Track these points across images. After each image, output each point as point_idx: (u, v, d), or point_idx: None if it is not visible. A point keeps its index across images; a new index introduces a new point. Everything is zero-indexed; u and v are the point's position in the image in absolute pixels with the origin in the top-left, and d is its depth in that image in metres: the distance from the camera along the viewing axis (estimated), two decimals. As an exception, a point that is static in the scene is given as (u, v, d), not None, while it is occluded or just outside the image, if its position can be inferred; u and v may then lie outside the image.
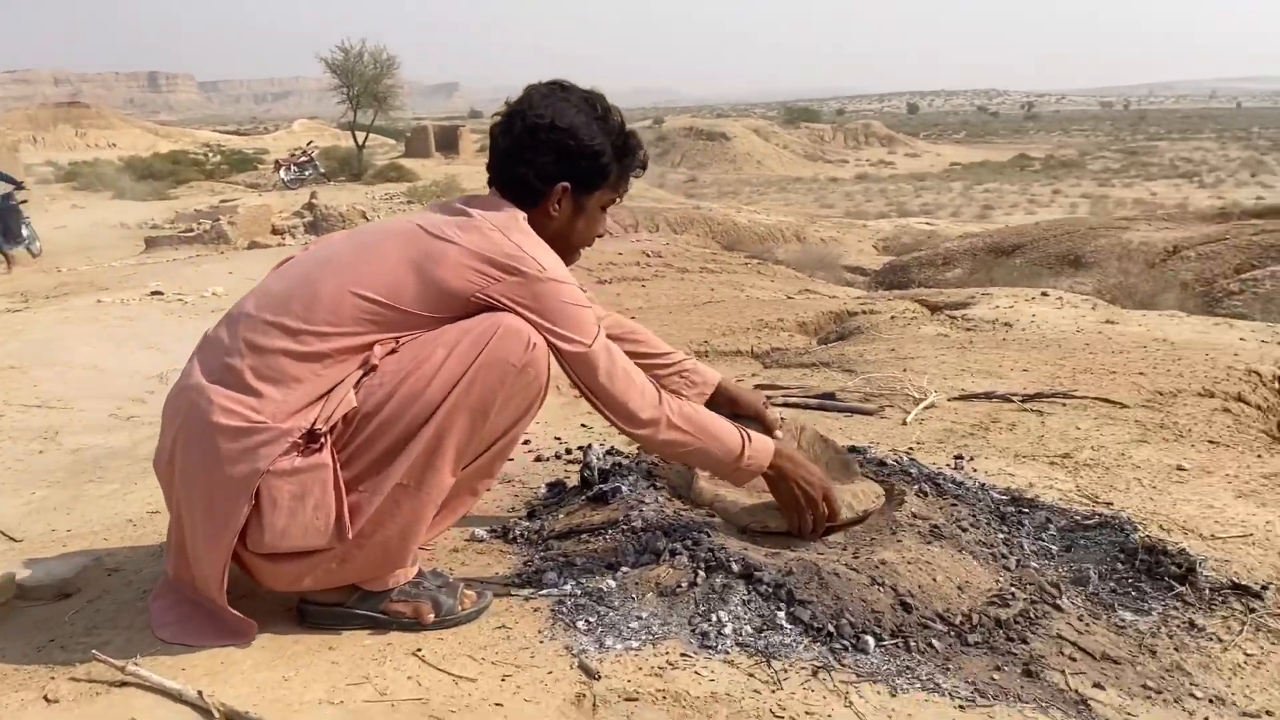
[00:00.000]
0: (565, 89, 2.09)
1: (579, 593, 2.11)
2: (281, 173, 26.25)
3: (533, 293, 1.93)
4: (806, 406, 4.00)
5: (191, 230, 16.74)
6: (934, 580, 2.08)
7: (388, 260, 1.93)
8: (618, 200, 2.19)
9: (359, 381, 1.88)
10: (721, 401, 2.47)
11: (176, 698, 1.73)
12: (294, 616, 2.03)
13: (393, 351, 1.90)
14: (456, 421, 1.88)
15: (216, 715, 1.67)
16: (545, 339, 1.94)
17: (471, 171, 29.91)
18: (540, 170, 2.04)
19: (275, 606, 2.06)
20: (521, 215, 2.03)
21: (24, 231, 15.23)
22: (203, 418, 1.83)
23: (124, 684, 1.78)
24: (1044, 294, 7.70)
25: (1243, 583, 2.28)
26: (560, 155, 2.04)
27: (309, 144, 31.29)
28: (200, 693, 1.71)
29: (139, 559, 2.48)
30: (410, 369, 1.87)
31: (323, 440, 1.82)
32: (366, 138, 31.60)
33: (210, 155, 36.29)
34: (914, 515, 2.38)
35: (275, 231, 17.43)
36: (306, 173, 26.57)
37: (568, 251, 2.11)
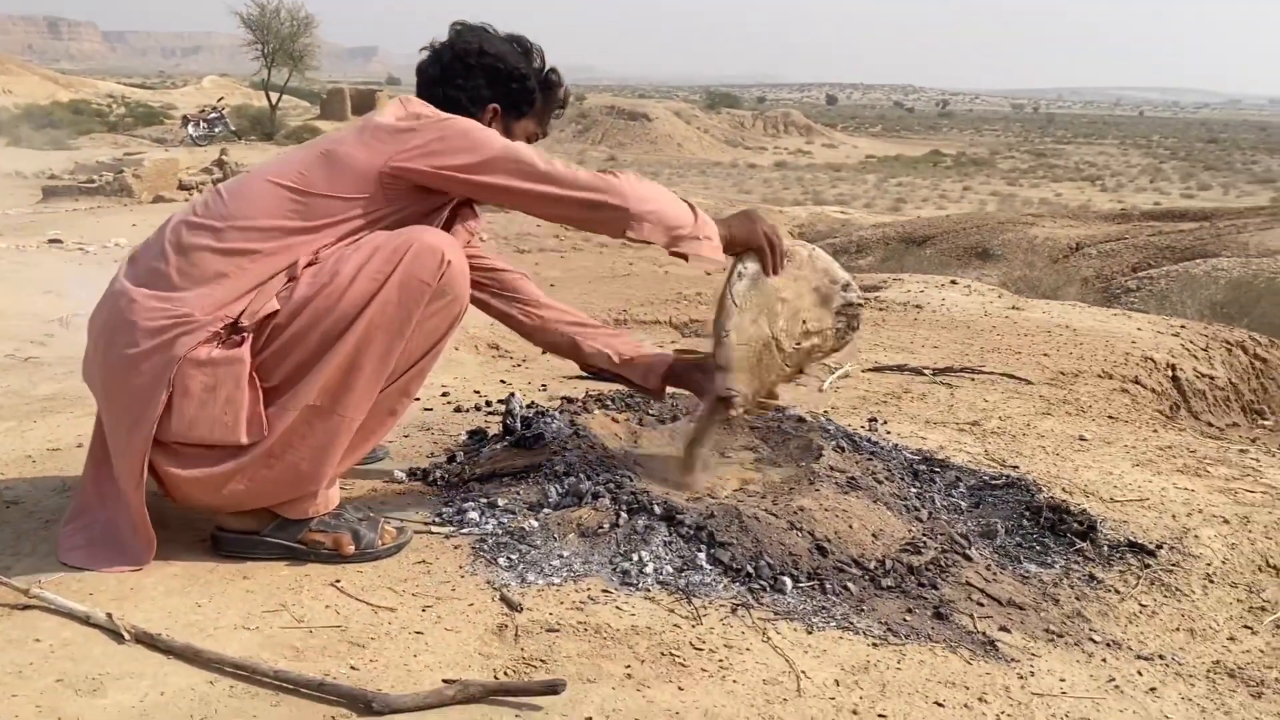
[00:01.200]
0: (488, 29, 2.20)
1: (500, 532, 2.11)
2: (190, 128, 25.40)
3: (437, 134, 1.94)
4: (725, 371, 4.04)
5: (93, 181, 16.12)
6: (850, 527, 2.13)
7: (305, 151, 1.99)
8: (541, 135, 2.25)
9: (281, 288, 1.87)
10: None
11: (84, 620, 1.68)
12: (205, 545, 1.99)
13: (312, 263, 1.88)
14: (373, 341, 1.85)
15: (127, 636, 1.62)
16: (471, 178, 1.94)
17: (388, 137, 29.27)
18: (472, 93, 2.13)
19: (189, 537, 2.01)
20: None
21: None
22: (125, 317, 1.82)
23: (27, 607, 1.73)
24: (953, 282, 7.89)
25: (1139, 541, 2.38)
26: (490, 78, 2.13)
27: (219, 101, 30.36)
28: (110, 615, 1.66)
29: (39, 493, 2.39)
30: (324, 282, 1.85)
31: (245, 335, 1.82)
32: (280, 98, 30.85)
33: (114, 107, 34.93)
34: (831, 468, 2.42)
35: (182, 187, 16.89)
36: (216, 129, 25.79)
37: None
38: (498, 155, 1.95)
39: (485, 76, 2.12)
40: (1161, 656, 1.93)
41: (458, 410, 3.23)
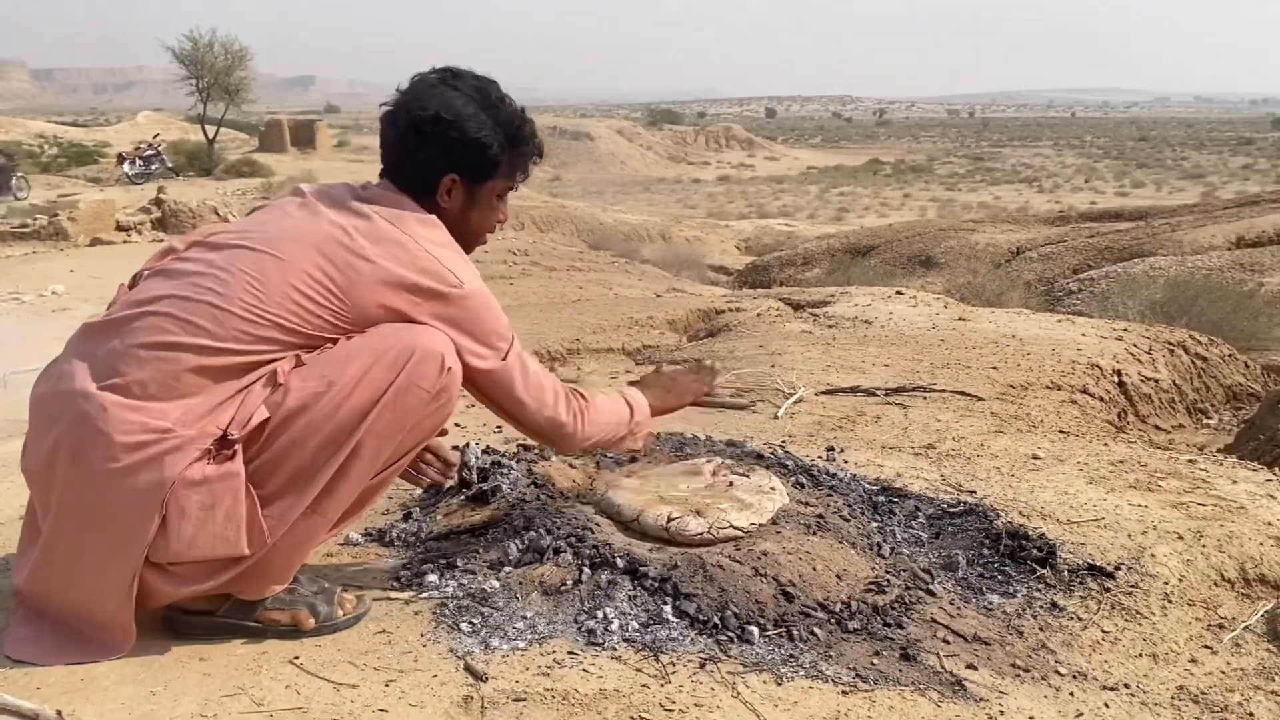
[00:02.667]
0: (456, 76, 2.00)
1: (461, 594, 2.07)
2: (125, 167, 24.95)
3: (450, 314, 1.88)
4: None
5: (27, 226, 15.76)
6: (814, 569, 2.13)
7: (302, 278, 1.80)
8: (514, 188, 2.13)
9: (267, 396, 1.78)
10: None
11: (33, 719, 1.62)
12: (158, 626, 1.92)
13: (300, 365, 1.80)
14: (365, 447, 1.81)
15: (78, 735, 1.57)
16: (461, 357, 1.88)
17: (329, 167, 29.08)
18: (427, 163, 1.97)
19: (138, 616, 1.95)
20: (415, 208, 1.95)
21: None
22: (94, 428, 1.70)
23: (-29, 707, 1.66)
24: (899, 293, 7.97)
25: (1097, 564, 2.40)
26: (447, 148, 1.96)
27: (155, 137, 29.89)
28: (59, 712, 1.60)
29: (-19, 573, 2.31)
30: (321, 389, 1.77)
31: (235, 448, 1.73)
32: (217, 132, 30.49)
33: (46, 147, 34.24)
34: (794, 501, 2.42)
35: (120, 228, 16.58)
36: (153, 167, 25.37)
37: (466, 241, 2.04)
38: (491, 369, 1.95)
39: (442, 147, 1.95)
40: (1126, 685, 1.94)
41: (412, 460, 3.18)
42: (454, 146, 1.96)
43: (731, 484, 2.42)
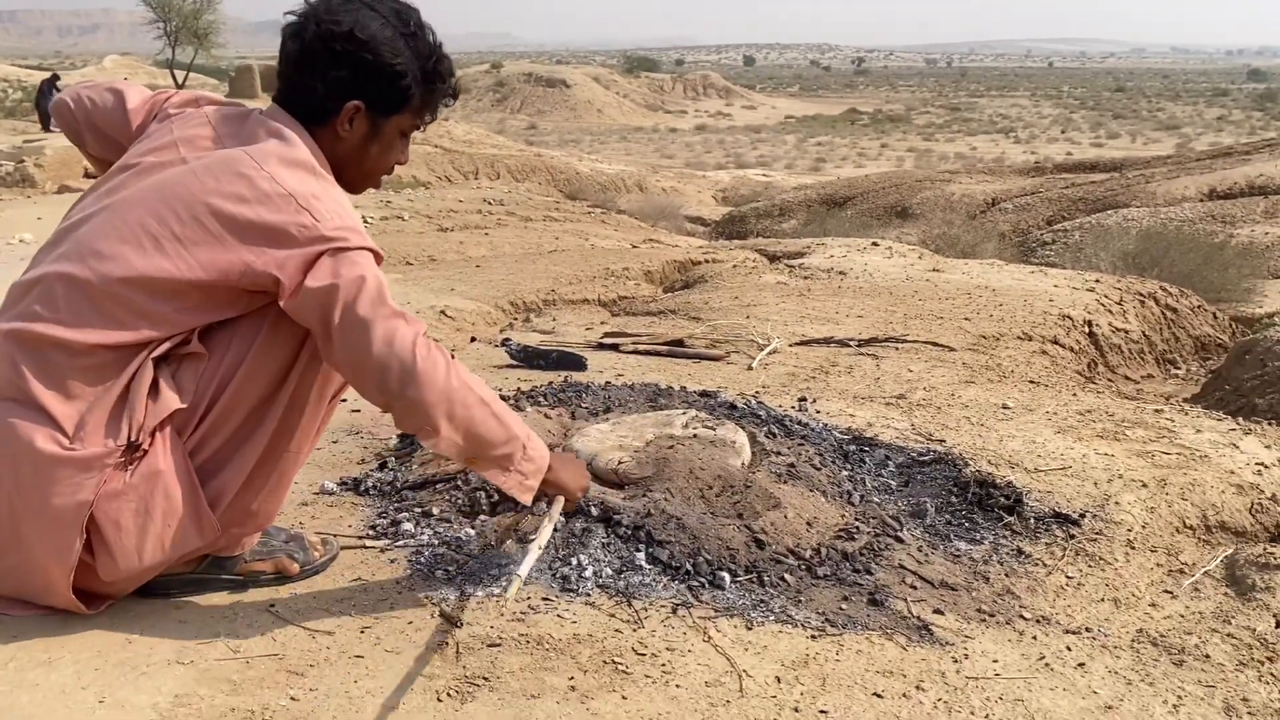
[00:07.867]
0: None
1: (436, 542, 2.09)
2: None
3: (304, 255, 1.65)
4: (656, 353, 4.05)
5: (-9, 173, 15.48)
6: (785, 517, 2.16)
7: (153, 249, 1.65)
8: (421, 128, 1.92)
9: (179, 372, 1.70)
10: None
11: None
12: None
13: (208, 333, 1.72)
14: (310, 378, 1.76)
15: (56, 682, 1.58)
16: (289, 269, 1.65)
17: (301, 115, 28.59)
18: (332, 85, 1.76)
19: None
20: (300, 141, 1.75)
21: None
22: (8, 443, 1.62)
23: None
24: (874, 244, 8.00)
25: (1063, 511, 2.45)
26: (356, 70, 1.75)
27: (124, 80, 29.39)
28: (36, 659, 1.61)
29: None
30: (241, 354, 1.71)
31: (145, 447, 1.66)
32: (186, 77, 29.94)
33: (10, 91, 33.52)
34: (765, 451, 2.45)
35: (89, 175, 16.31)
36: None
37: (361, 178, 1.88)
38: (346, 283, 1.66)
39: (351, 68, 1.74)
40: (1088, 629, 1.99)
41: (387, 410, 3.18)
42: (365, 70, 1.76)
43: (695, 436, 2.44)
